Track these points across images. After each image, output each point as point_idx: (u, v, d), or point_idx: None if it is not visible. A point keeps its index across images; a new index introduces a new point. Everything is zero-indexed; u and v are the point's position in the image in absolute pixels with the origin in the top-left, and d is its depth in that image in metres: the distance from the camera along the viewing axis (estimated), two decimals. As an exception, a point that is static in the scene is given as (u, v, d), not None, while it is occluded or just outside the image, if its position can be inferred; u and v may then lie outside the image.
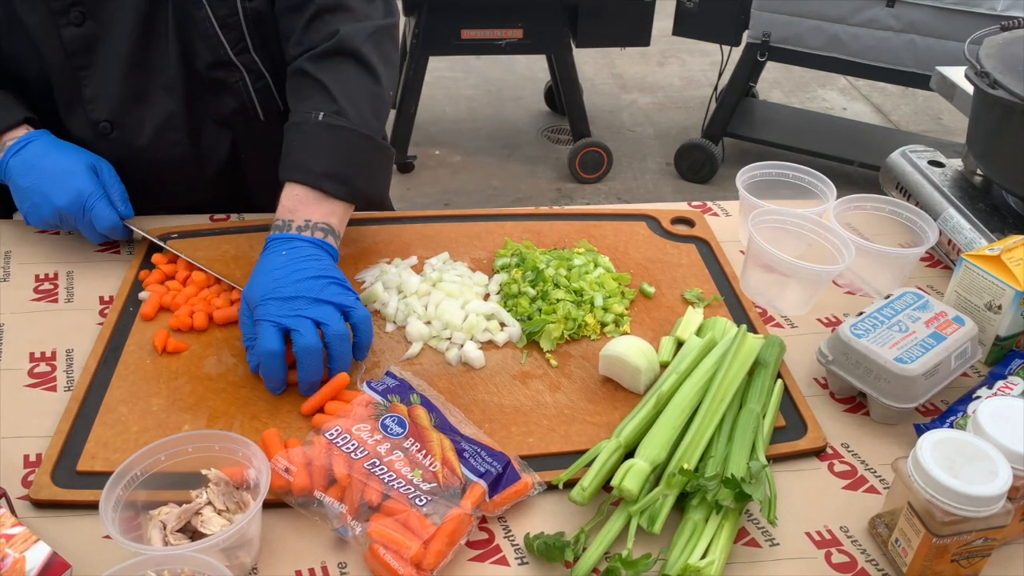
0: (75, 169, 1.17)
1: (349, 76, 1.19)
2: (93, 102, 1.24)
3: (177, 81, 1.25)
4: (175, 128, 1.29)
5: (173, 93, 1.26)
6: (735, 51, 3.61)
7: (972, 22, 3.03)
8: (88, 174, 1.18)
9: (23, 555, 0.79)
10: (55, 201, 1.15)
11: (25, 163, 1.17)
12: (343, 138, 1.16)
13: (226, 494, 0.86)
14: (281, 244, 1.08)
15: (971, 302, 1.09)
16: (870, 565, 0.87)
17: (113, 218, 1.18)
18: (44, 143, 1.20)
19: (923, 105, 4.59)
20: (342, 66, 1.19)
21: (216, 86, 1.28)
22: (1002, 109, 1.20)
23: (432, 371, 1.07)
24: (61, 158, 1.19)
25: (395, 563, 0.81)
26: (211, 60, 1.25)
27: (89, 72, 1.22)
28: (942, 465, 0.79)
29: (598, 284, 1.18)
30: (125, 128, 1.27)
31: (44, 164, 1.17)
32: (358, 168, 1.17)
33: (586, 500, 0.88)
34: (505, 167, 3.89)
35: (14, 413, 1.00)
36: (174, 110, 1.27)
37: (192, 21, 1.21)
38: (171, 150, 1.30)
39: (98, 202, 1.16)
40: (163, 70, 1.24)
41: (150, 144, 1.28)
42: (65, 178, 1.16)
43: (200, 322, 1.11)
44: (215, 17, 1.21)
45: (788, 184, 1.35)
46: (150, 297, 1.15)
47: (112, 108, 1.25)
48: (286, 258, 1.06)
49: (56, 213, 1.16)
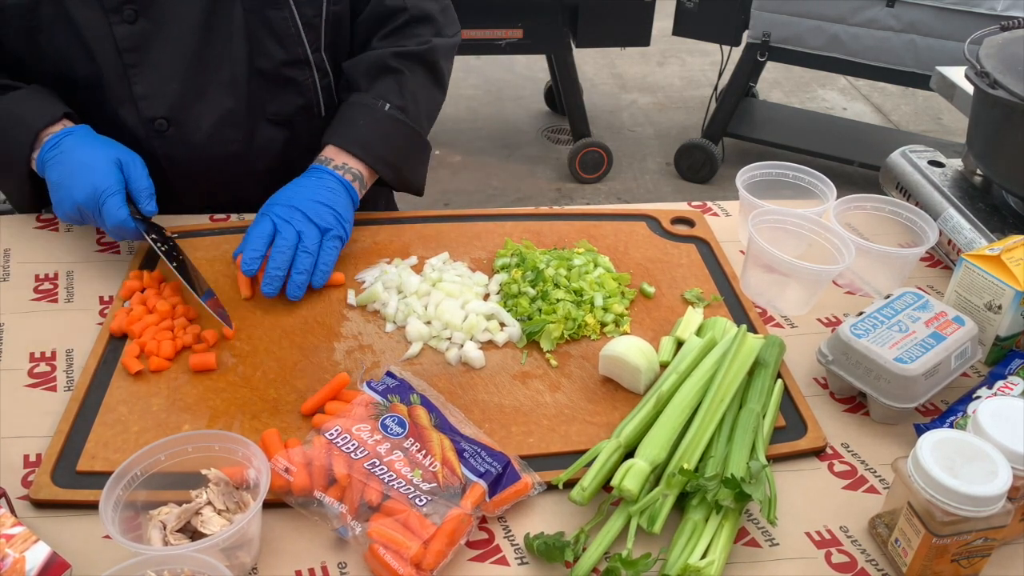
0: (97, 164, 1.14)
1: (423, 81, 1.35)
2: (146, 99, 1.25)
3: (239, 78, 1.28)
4: (233, 125, 1.31)
5: (234, 90, 1.29)
6: (735, 51, 3.61)
7: (972, 22, 3.03)
8: (109, 169, 1.14)
9: (23, 555, 0.79)
10: (75, 196, 1.13)
11: (56, 158, 1.16)
12: (402, 132, 1.32)
13: (226, 494, 0.86)
14: (315, 172, 1.25)
15: (971, 302, 1.09)
16: (870, 565, 0.87)
17: (121, 216, 1.13)
18: (77, 138, 1.18)
19: (923, 105, 4.59)
20: (420, 71, 1.34)
21: (283, 83, 1.31)
22: (1002, 109, 1.20)
23: (432, 371, 1.07)
24: (88, 153, 1.16)
25: (395, 563, 0.81)
26: (285, 58, 1.28)
27: (140, 70, 1.23)
28: (942, 465, 0.79)
29: (598, 284, 1.18)
30: (182, 125, 1.28)
31: (71, 159, 1.16)
32: (407, 159, 1.35)
33: (586, 500, 0.88)
34: (505, 167, 3.89)
35: (14, 413, 1.00)
36: (233, 107, 1.30)
37: (267, 20, 1.25)
38: (227, 147, 1.32)
39: (110, 198, 1.13)
40: (224, 68, 1.27)
41: (206, 141, 1.30)
42: (85, 173, 1.14)
43: (166, 352, 1.06)
44: (300, 17, 1.26)
45: (788, 184, 1.35)
46: (117, 314, 1.11)
47: (169, 105, 1.26)
48: (311, 181, 1.23)
49: (76, 208, 1.14)
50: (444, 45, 1.37)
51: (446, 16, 1.39)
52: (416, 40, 1.33)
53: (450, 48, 1.39)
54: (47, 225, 1.32)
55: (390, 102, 1.29)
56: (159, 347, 1.06)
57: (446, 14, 1.40)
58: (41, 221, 1.32)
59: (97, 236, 1.30)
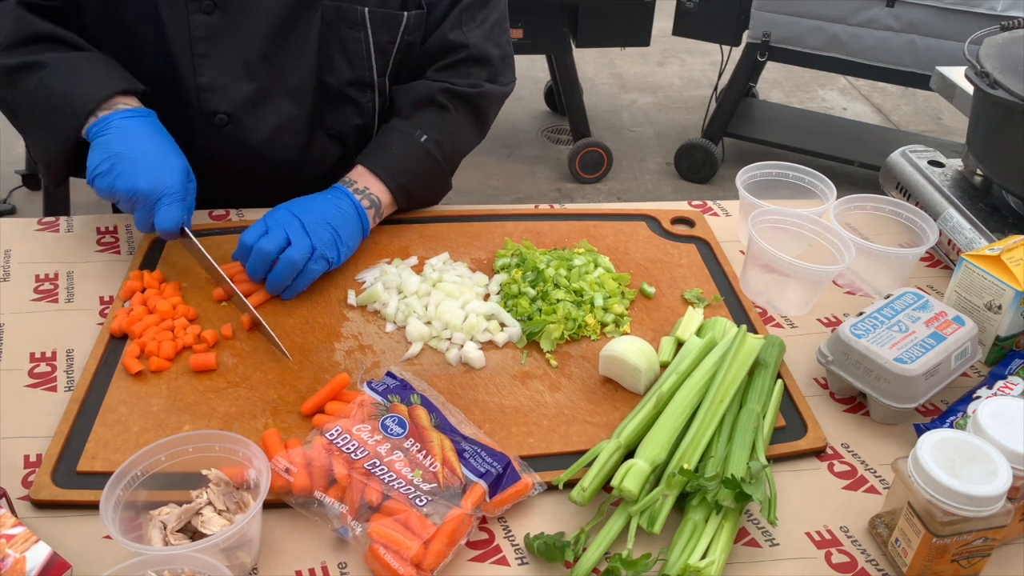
0: (173, 163, 1.13)
1: (464, 122, 1.36)
2: (209, 92, 1.25)
3: (305, 88, 1.29)
4: (292, 132, 1.32)
5: (298, 99, 1.30)
6: (735, 51, 3.61)
7: (972, 22, 3.03)
8: (182, 172, 1.14)
9: (23, 555, 0.79)
10: (138, 182, 1.09)
11: (129, 131, 1.13)
12: (430, 166, 1.32)
13: (226, 494, 0.86)
14: (335, 191, 1.24)
15: (971, 302, 1.09)
16: (870, 565, 0.87)
17: (178, 221, 1.12)
18: (154, 123, 1.17)
19: (923, 105, 4.59)
20: (464, 112, 1.35)
21: (344, 101, 1.32)
22: (1002, 109, 1.20)
23: (432, 371, 1.07)
24: (164, 146, 1.15)
25: (395, 563, 0.81)
26: (351, 78, 1.30)
27: (207, 61, 1.23)
28: (942, 465, 0.79)
29: (598, 284, 1.18)
30: (243, 125, 1.29)
31: (147, 142, 1.14)
32: (426, 192, 1.35)
33: (586, 500, 0.88)
34: (505, 167, 3.89)
35: (14, 413, 1.00)
36: (295, 115, 1.31)
37: (342, 39, 1.26)
38: (283, 152, 1.33)
39: (175, 202, 1.11)
40: (293, 75, 1.27)
41: (264, 143, 1.31)
42: (159, 165, 1.12)
43: (166, 352, 1.06)
44: (374, 42, 1.27)
45: (788, 184, 1.35)
46: (117, 314, 1.11)
47: (232, 102, 1.27)
48: (326, 199, 1.22)
49: (131, 191, 1.09)
50: (495, 93, 1.38)
51: (504, 64, 1.39)
52: (469, 80, 1.34)
53: (500, 97, 1.40)
54: (48, 227, 1.32)
55: (427, 134, 1.30)
56: (159, 347, 1.06)
57: (505, 62, 1.40)
58: (42, 223, 1.32)
59: (97, 236, 1.30)
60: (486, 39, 1.34)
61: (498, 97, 1.39)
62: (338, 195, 1.23)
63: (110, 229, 1.32)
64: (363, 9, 1.25)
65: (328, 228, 1.18)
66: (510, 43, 1.42)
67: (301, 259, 1.13)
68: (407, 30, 1.29)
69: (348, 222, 1.21)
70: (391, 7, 1.27)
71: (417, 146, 1.30)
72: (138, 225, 1.14)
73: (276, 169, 1.34)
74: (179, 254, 1.24)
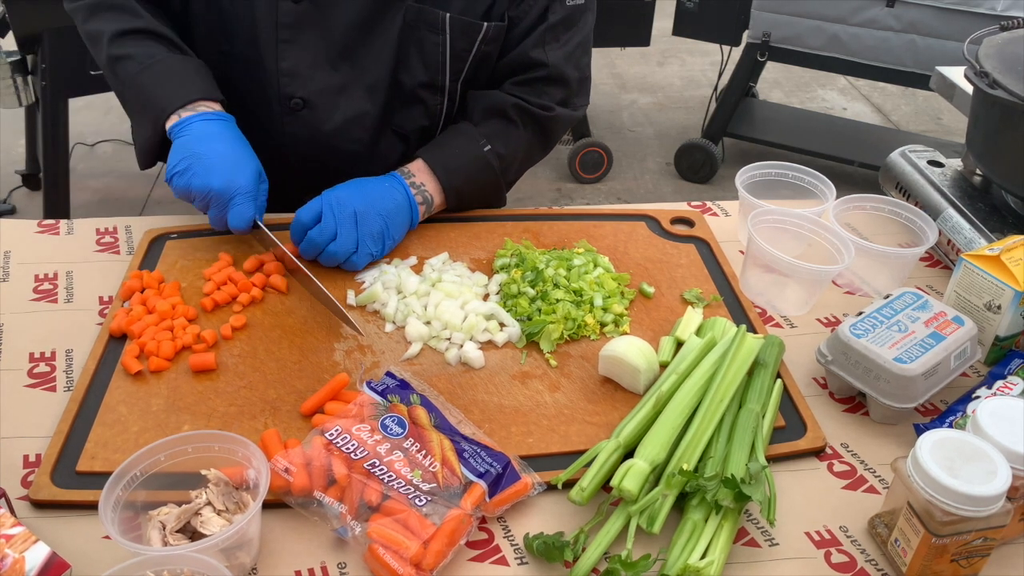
0: (246, 165, 1.19)
1: (530, 141, 1.38)
2: (289, 76, 1.28)
3: (380, 84, 1.31)
4: (363, 126, 1.34)
5: (373, 95, 1.32)
6: (735, 51, 3.61)
7: (972, 22, 3.03)
8: (254, 175, 1.19)
9: (23, 555, 0.79)
10: (212, 181, 1.15)
11: (209, 133, 1.19)
12: (488, 176, 1.35)
13: (226, 494, 0.86)
14: (392, 178, 1.28)
15: (971, 302, 1.09)
16: (870, 565, 0.87)
17: (249, 219, 1.18)
18: (231, 127, 1.23)
19: (923, 105, 4.59)
20: (533, 130, 1.36)
21: (414, 101, 1.34)
22: (1002, 109, 1.20)
23: (432, 371, 1.07)
24: (239, 149, 1.20)
25: (395, 563, 0.81)
26: (424, 80, 1.32)
27: (290, 47, 1.27)
28: (942, 465, 0.79)
29: (598, 284, 1.18)
30: (317, 111, 1.31)
31: (223, 144, 1.19)
32: (476, 200, 1.37)
33: (585, 500, 0.88)
34: (505, 167, 3.89)
35: (14, 413, 1.00)
36: (368, 110, 1.33)
37: (420, 41, 1.28)
38: (351, 145, 1.35)
39: (247, 201, 1.17)
40: (371, 71, 1.30)
41: (335, 133, 1.33)
42: (234, 166, 1.17)
43: (166, 352, 1.06)
44: (451, 47, 1.28)
45: (788, 184, 1.35)
46: (116, 314, 1.11)
47: (310, 89, 1.29)
48: (382, 187, 1.26)
49: (205, 190, 1.16)
50: (566, 117, 1.38)
51: (581, 87, 1.40)
52: (545, 98, 1.35)
53: (571, 121, 1.41)
54: (48, 230, 1.32)
55: (492, 144, 1.32)
56: (159, 347, 1.06)
57: (582, 85, 1.40)
58: (42, 226, 1.33)
59: (97, 237, 1.30)
60: (567, 60, 1.34)
61: (568, 121, 1.41)
62: (395, 184, 1.26)
63: (110, 230, 1.32)
64: (445, 14, 1.26)
65: (379, 219, 1.21)
66: (590, 66, 1.42)
67: (344, 255, 1.19)
68: (485, 40, 1.30)
69: (399, 214, 1.24)
70: (472, 16, 1.28)
71: (479, 153, 1.32)
72: (212, 223, 1.21)
73: (344, 161, 1.35)
74: (179, 254, 1.24)
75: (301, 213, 1.20)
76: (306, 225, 1.20)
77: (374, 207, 1.22)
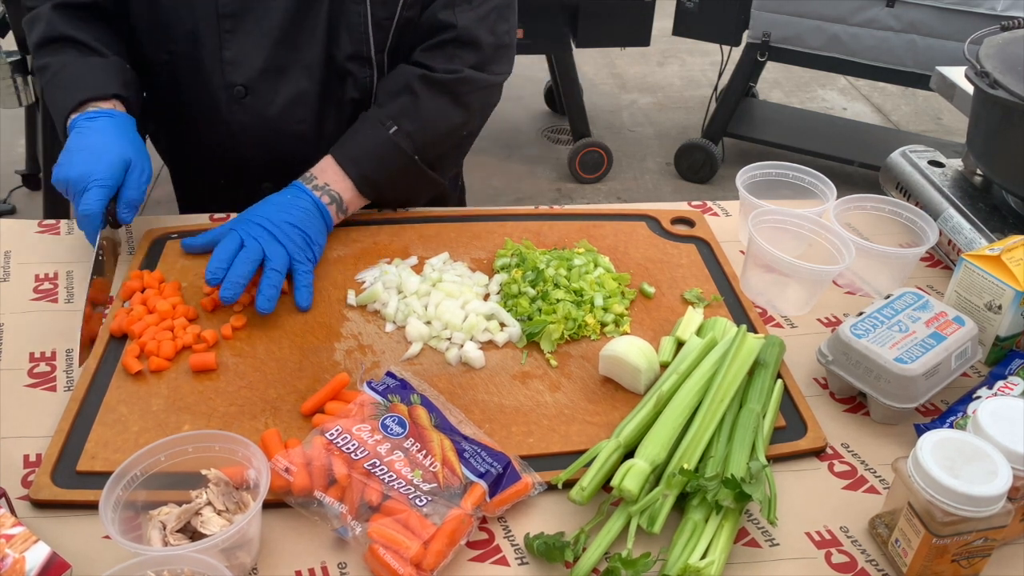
0: (105, 153, 1.17)
1: (443, 112, 1.31)
2: (233, 65, 1.29)
3: (316, 62, 1.31)
4: (305, 105, 1.33)
5: (310, 73, 1.31)
6: (735, 51, 3.61)
7: (972, 22, 3.03)
8: (111, 162, 1.16)
9: (23, 555, 0.79)
10: (69, 171, 1.15)
11: (83, 129, 1.19)
12: (402, 160, 1.30)
13: (226, 494, 0.86)
14: (293, 190, 1.25)
15: (971, 302, 1.09)
16: (870, 565, 0.87)
17: (94, 209, 1.13)
18: (112, 122, 1.21)
19: (923, 105, 4.59)
20: (442, 101, 1.30)
21: (346, 76, 1.33)
22: (1002, 109, 1.20)
23: (432, 371, 1.07)
24: (106, 140, 1.18)
25: (395, 563, 0.81)
26: (351, 52, 1.31)
27: (233, 36, 1.27)
28: (942, 465, 0.79)
29: (598, 284, 1.18)
30: (259, 96, 1.31)
31: (91, 137, 1.18)
32: (397, 184, 1.33)
33: (585, 500, 0.88)
34: (505, 167, 3.89)
35: (14, 413, 1.00)
36: (308, 89, 1.32)
37: (346, 13, 1.28)
38: (297, 126, 1.35)
39: (93, 187, 1.14)
40: (306, 50, 1.30)
41: (279, 116, 1.33)
42: (91, 155, 1.16)
43: (166, 352, 1.06)
44: (372, 17, 1.28)
45: (788, 184, 1.35)
46: (117, 314, 1.11)
47: (251, 76, 1.29)
48: (285, 199, 1.23)
49: (65, 181, 1.16)
50: (475, 79, 1.32)
51: (498, 54, 1.35)
52: (456, 62, 1.30)
53: (483, 84, 1.34)
54: (48, 230, 1.32)
55: (399, 124, 1.28)
56: (159, 347, 1.06)
57: (500, 52, 1.35)
58: (42, 226, 1.32)
59: (97, 236, 1.30)
60: (479, 23, 1.31)
61: (480, 84, 1.33)
62: (297, 193, 1.24)
63: (110, 229, 1.32)
64: None
65: (296, 230, 1.19)
66: (511, 34, 1.37)
67: (283, 266, 1.15)
68: (405, 6, 1.29)
69: (311, 220, 1.22)
70: None
71: (385, 137, 1.28)
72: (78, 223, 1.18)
73: (293, 143, 1.35)
74: (180, 254, 1.24)
75: (218, 248, 1.14)
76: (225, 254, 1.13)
77: (287, 220, 1.19)
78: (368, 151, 1.28)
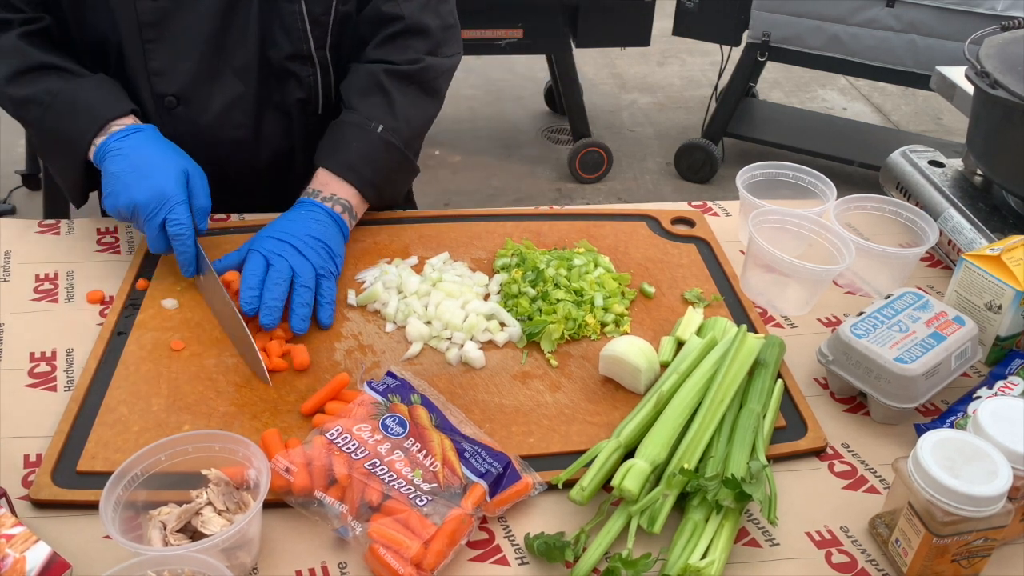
0: (165, 169, 1.15)
1: (417, 101, 1.32)
2: (160, 75, 1.27)
3: (251, 66, 1.30)
4: (241, 110, 1.32)
5: (245, 77, 1.30)
6: (735, 51, 3.61)
7: (972, 22, 3.02)
8: (176, 177, 1.15)
9: (23, 555, 0.79)
10: (134, 195, 1.13)
11: (121, 151, 1.17)
12: (393, 156, 1.29)
13: (226, 494, 0.86)
14: (304, 205, 1.23)
15: (971, 302, 1.09)
16: (870, 565, 0.87)
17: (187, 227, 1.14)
18: (146, 136, 1.20)
19: (923, 105, 4.59)
20: (414, 91, 1.31)
21: (287, 76, 1.32)
22: (1002, 109, 1.20)
23: (432, 371, 1.07)
24: (155, 154, 1.18)
25: (395, 563, 0.81)
26: (290, 52, 1.30)
27: (157, 46, 1.25)
28: (942, 465, 0.79)
29: (598, 284, 1.18)
30: (192, 105, 1.30)
31: (137, 156, 1.17)
32: (392, 181, 1.33)
33: (585, 500, 0.88)
34: (505, 167, 3.89)
35: (14, 413, 1.00)
36: (243, 93, 1.31)
37: (279, 13, 1.26)
38: (234, 131, 1.33)
39: (179, 207, 1.13)
40: (238, 53, 1.28)
41: (214, 123, 1.31)
42: (152, 174, 1.14)
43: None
44: (308, 13, 1.26)
45: (788, 184, 1.35)
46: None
47: (181, 84, 1.28)
48: (300, 215, 1.21)
49: (132, 206, 1.13)
50: (438, 65, 1.33)
51: (447, 35, 1.35)
52: (410, 52, 1.30)
53: (445, 69, 1.35)
54: (48, 230, 1.32)
55: (383, 123, 1.27)
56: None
57: (447, 33, 1.35)
58: (42, 226, 1.32)
59: (97, 237, 1.30)
60: (423, 10, 1.31)
61: (443, 69, 1.35)
62: (311, 208, 1.22)
63: (110, 229, 1.32)
64: None
65: (319, 243, 1.17)
66: (454, 14, 1.37)
67: (311, 281, 1.13)
68: (341, 0, 1.29)
69: (331, 232, 1.20)
70: None
71: (375, 138, 1.27)
72: (153, 247, 1.15)
73: (231, 150, 1.34)
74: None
75: (245, 271, 1.12)
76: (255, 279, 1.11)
77: (307, 233, 1.17)
78: (362, 155, 1.27)
